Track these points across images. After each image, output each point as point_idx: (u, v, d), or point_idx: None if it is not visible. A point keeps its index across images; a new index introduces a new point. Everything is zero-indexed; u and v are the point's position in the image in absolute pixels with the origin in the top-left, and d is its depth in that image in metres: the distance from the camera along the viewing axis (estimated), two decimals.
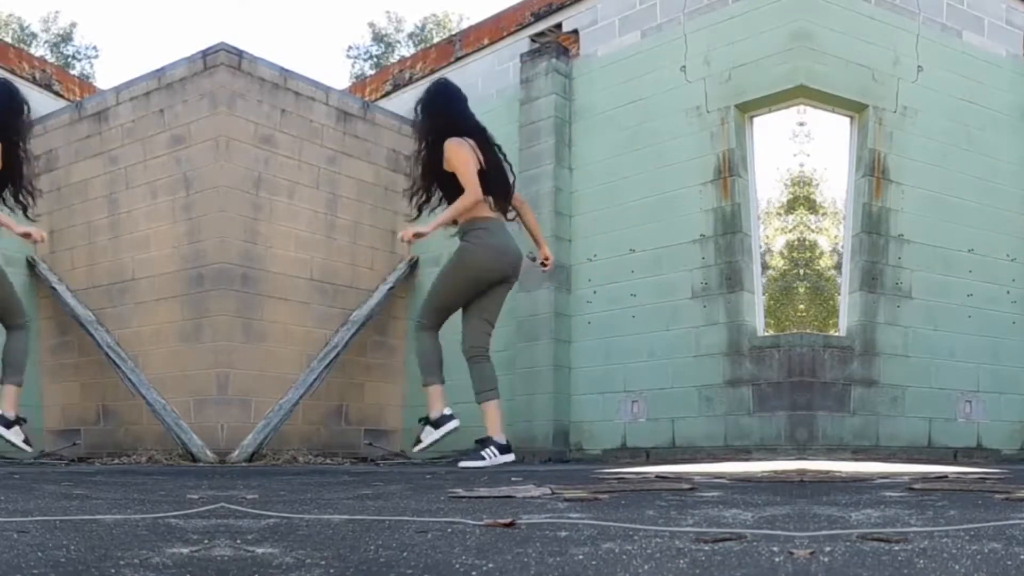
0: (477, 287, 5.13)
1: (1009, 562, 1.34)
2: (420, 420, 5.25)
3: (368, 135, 6.79)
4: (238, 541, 1.64)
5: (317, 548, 1.54)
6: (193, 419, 5.62)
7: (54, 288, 6.42)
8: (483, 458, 4.96)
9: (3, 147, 5.08)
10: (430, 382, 5.15)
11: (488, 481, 3.33)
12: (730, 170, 5.57)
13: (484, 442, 5.03)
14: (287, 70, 6.29)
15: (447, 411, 5.11)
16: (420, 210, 5.28)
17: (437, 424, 5.10)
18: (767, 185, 5.87)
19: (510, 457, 5.07)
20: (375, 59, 23.70)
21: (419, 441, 5.21)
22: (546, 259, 5.45)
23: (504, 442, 5.07)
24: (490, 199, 5.10)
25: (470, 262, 5.11)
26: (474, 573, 1.29)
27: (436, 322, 5.21)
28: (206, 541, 1.64)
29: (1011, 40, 6.17)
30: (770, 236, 6.17)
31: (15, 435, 5.21)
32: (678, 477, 3.41)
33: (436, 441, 5.13)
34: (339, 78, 25.36)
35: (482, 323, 5.18)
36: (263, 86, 6.08)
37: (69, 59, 22.53)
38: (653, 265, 5.86)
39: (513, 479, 3.38)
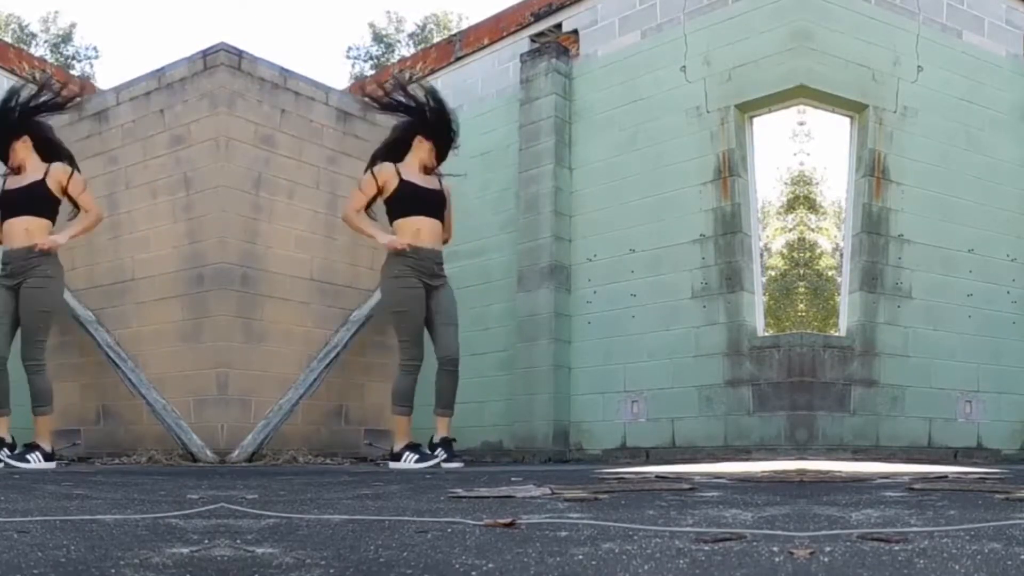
0: None
1: (1009, 562, 1.34)
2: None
3: (368, 135, 6.76)
4: (238, 541, 1.64)
5: (317, 548, 1.54)
6: (193, 419, 5.62)
7: None
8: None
9: None
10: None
11: (488, 481, 3.33)
12: (730, 170, 5.57)
13: None
14: (287, 70, 6.28)
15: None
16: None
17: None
18: (767, 185, 5.87)
19: None
20: (375, 59, 23.66)
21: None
22: None
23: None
24: None
25: None
26: (474, 573, 1.29)
27: None
28: (206, 541, 1.64)
29: (1011, 40, 6.17)
30: (770, 236, 6.17)
31: None
32: (678, 477, 3.41)
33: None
34: (339, 78, 25.35)
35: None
36: (263, 86, 6.07)
37: (69, 59, 22.49)
38: (653, 265, 5.85)
39: (513, 479, 3.38)
